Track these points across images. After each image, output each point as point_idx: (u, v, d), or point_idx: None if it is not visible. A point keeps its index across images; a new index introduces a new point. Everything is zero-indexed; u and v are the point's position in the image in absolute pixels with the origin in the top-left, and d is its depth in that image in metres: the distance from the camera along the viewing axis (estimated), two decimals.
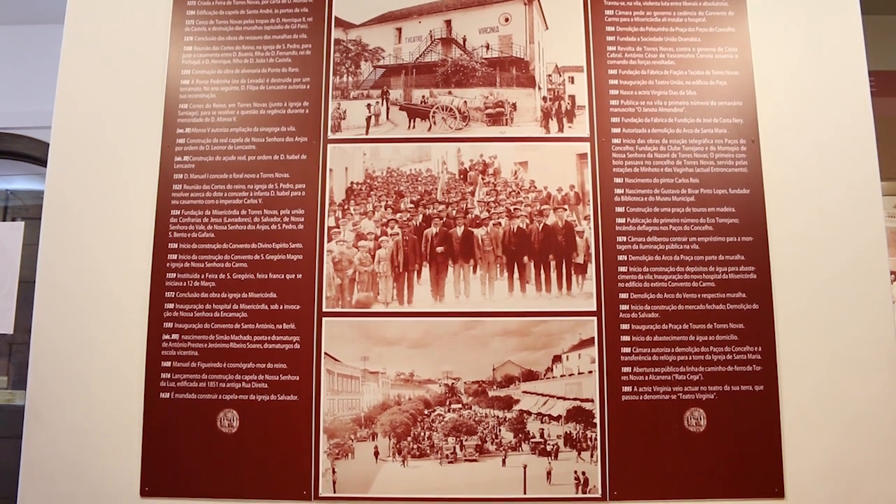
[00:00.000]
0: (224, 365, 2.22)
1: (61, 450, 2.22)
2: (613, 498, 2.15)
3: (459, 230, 2.26)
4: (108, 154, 2.35)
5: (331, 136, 2.33)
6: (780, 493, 2.16)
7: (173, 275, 2.26)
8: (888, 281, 2.25)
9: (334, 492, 2.17)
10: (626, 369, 2.19)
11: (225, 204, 2.29)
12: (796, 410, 2.19)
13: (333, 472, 2.18)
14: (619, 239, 2.25)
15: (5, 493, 2.44)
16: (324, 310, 2.23)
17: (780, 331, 2.22)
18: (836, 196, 2.28)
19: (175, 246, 2.28)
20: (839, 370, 2.20)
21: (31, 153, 3.21)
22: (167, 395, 2.22)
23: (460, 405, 2.19)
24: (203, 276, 2.26)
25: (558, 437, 2.17)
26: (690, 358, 2.20)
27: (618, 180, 2.28)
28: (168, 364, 2.23)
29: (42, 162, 2.93)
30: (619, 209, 2.26)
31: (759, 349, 2.20)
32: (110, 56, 2.42)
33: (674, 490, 2.16)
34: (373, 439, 2.18)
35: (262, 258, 2.26)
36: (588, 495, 2.15)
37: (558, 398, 2.18)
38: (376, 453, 2.18)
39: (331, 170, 2.30)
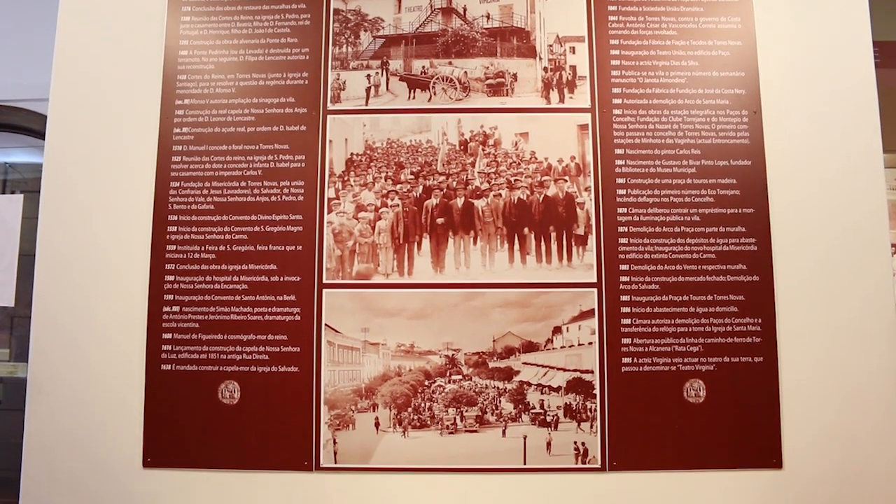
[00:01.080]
0: (225, 337, 2.22)
1: (63, 422, 2.23)
2: (613, 468, 2.17)
3: (460, 201, 2.25)
4: (106, 126, 2.34)
5: (330, 106, 2.31)
6: (779, 464, 2.17)
7: (173, 247, 2.26)
8: (889, 253, 2.25)
9: (335, 462, 2.18)
10: (626, 340, 2.20)
11: (224, 175, 2.28)
12: (795, 382, 2.19)
13: (334, 442, 2.19)
14: (620, 210, 2.24)
15: (10, 465, 2.45)
16: (324, 281, 2.23)
17: (780, 302, 2.22)
18: (837, 168, 2.27)
19: (175, 218, 2.27)
20: (839, 342, 2.20)
21: (30, 126, 3.19)
22: (168, 367, 2.22)
23: (461, 376, 2.19)
24: (203, 248, 2.26)
25: (558, 407, 2.18)
26: (690, 329, 2.20)
27: (619, 151, 2.26)
28: (169, 336, 2.23)
29: (40, 135, 2.92)
30: (620, 180, 2.25)
31: (759, 321, 2.20)
32: (107, 27, 2.40)
33: (673, 461, 2.17)
34: (373, 410, 2.19)
35: (262, 230, 2.25)
36: (588, 466, 2.17)
37: (558, 369, 2.19)
38: (377, 424, 2.19)
39: (330, 141, 2.29)
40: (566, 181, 2.26)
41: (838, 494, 2.16)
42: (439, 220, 2.24)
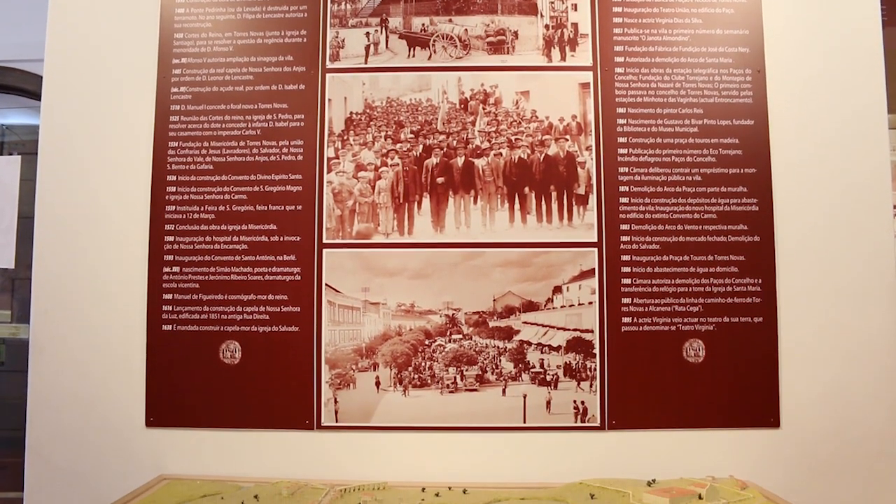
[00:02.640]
0: (225, 297, 2.23)
1: (66, 383, 2.24)
2: (612, 427, 2.18)
3: (460, 160, 2.24)
4: (102, 86, 2.31)
5: (329, 65, 2.29)
6: (776, 423, 2.19)
7: (172, 207, 2.25)
8: (891, 214, 2.24)
9: (336, 421, 2.20)
10: (626, 300, 2.20)
11: (223, 135, 2.26)
12: (794, 342, 2.20)
13: (335, 401, 2.20)
14: (621, 170, 2.23)
15: (15, 425, 2.47)
16: (324, 241, 2.23)
17: (780, 263, 2.22)
18: (841, 128, 2.25)
19: (174, 178, 2.26)
20: (839, 303, 2.21)
21: (25, 86, 3.15)
22: (169, 328, 2.23)
23: (461, 335, 2.20)
24: (202, 209, 2.25)
25: (558, 367, 2.19)
26: (690, 289, 2.20)
27: (620, 110, 2.24)
28: (169, 297, 2.23)
29: (36, 95, 2.89)
30: (622, 140, 2.24)
31: (759, 281, 2.20)
32: None
33: (671, 420, 2.19)
34: (374, 369, 2.20)
35: (262, 190, 2.24)
36: (587, 424, 2.18)
37: (558, 329, 2.19)
38: (377, 383, 2.20)
39: (329, 100, 2.27)
40: (567, 140, 2.24)
41: (834, 454, 2.18)
42: (439, 180, 2.23)
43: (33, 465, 2.23)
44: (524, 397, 2.19)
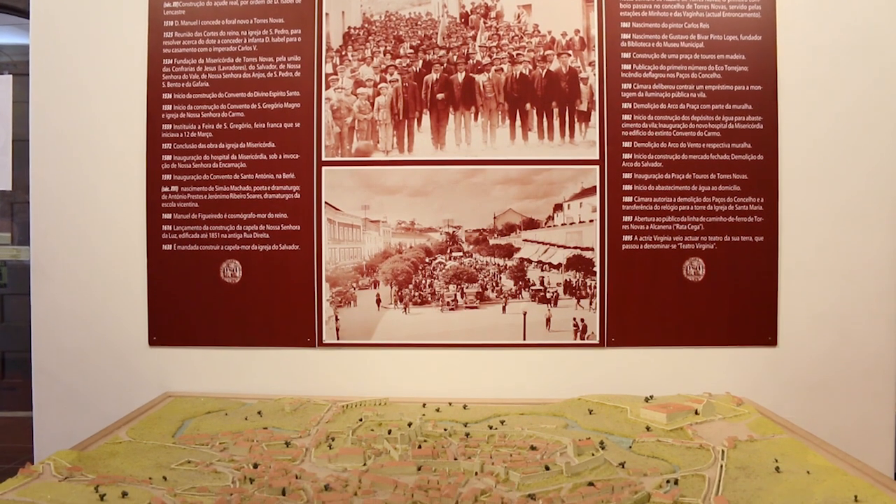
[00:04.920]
0: (225, 216, 2.22)
1: (69, 304, 2.25)
2: (611, 344, 2.20)
3: (460, 76, 2.20)
4: (92, 1, 2.25)
5: None
6: (773, 342, 2.20)
7: (169, 126, 2.22)
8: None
9: (337, 339, 2.22)
10: (627, 218, 2.19)
11: (219, 52, 2.22)
12: (794, 261, 2.20)
13: (336, 319, 2.21)
14: (624, 86, 2.19)
15: (22, 346, 2.49)
16: (323, 159, 2.20)
17: (783, 182, 2.20)
18: (851, 45, 2.19)
19: (169, 96, 2.23)
20: (841, 222, 2.20)
21: (13, 3, 3.06)
22: (169, 248, 2.23)
23: (461, 253, 2.20)
24: (199, 127, 2.22)
25: (558, 284, 2.19)
26: (692, 208, 2.19)
27: (624, 25, 2.19)
28: (169, 216, 2.23)
29: (24, 13, 2.82)
30: (625, 55, 2.19)
31: (762, 200, 2.19)
32: None
33: (670, 337, 2.20)
34: (374, 287, 2.21)
35: (259, 107, 2.21)
36: (586, 341, 2.20)
37: (559, 246, 2.19)
38: (378, 301, 2.21)
39: (327, 14, 2.21)
40: (570, 55, 2.19)
41: (830, 372, 2.20)
42: (439, 96, 2.20)
43: (40, 386, 2.26)
44: (524, 314, 2.20)
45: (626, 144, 2.18)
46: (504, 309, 2.20)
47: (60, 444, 1.77)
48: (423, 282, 2.20)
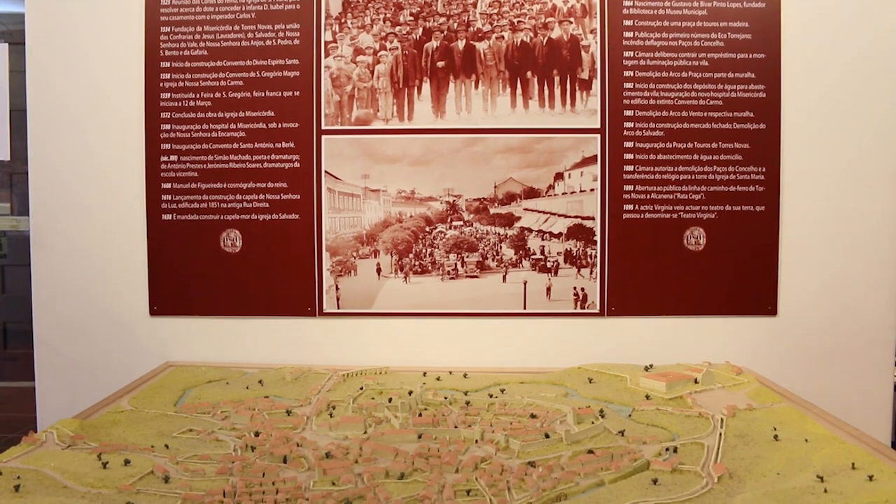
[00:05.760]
0: (224, 185, 2.21)
1: (69, 275, 2.25)
2: (611, 314, 2.21)
3: (461, 44, 2.17)
4: None
5: None
6: (773, 311, 2.21)
7: (167, 94, 2.21)
8: None
9: (338, 308, 2.22)
10: (628, 188, 2.18)
11: (217, 19, 2.19)
12: (795, 231, 2.20)
13: (337, 288, 2.22)
14: (626, 54, 2.17)
15: (23, 317, 2.50)
16: (323, 127, 2.19)
17: (785, 151, 2.19)
18: (856, 10, 2.16)
19: (167, 65, 2.21)
20: (842, 192, 2.19)
21: None
22: (169, 217, 2.22)
23: (461, 222, 2.20)
24: (198, 96, 2.20)
25: (559, 253, 2.19)
26: (693, 177, 2.18)
27: None
28: (168, 186, 2.22)
29: None
30: (627, 22, 2.16)
31: (763, 169, 2.18)
32: None
33: (670, 307, 2.21)
34: (375, 256, 2.21)
35: (258, 75, 2.19)
36: (586, 311, 2.20)
37: (559, 216, 2.19)
38: (378, 270, 2.21)
39: None
40: (571, 23, 2.17)
41: (830, 342, 2.21)
42: (440, 64, 2.18)
43: (42, 356, 2.27)
44: (524, 284, 2.20)
45: (628, 113, 2.17)
46: (504, 278, 2.20)
47: (63, 414, 1.78)
48: (424, 251, 2.20)
